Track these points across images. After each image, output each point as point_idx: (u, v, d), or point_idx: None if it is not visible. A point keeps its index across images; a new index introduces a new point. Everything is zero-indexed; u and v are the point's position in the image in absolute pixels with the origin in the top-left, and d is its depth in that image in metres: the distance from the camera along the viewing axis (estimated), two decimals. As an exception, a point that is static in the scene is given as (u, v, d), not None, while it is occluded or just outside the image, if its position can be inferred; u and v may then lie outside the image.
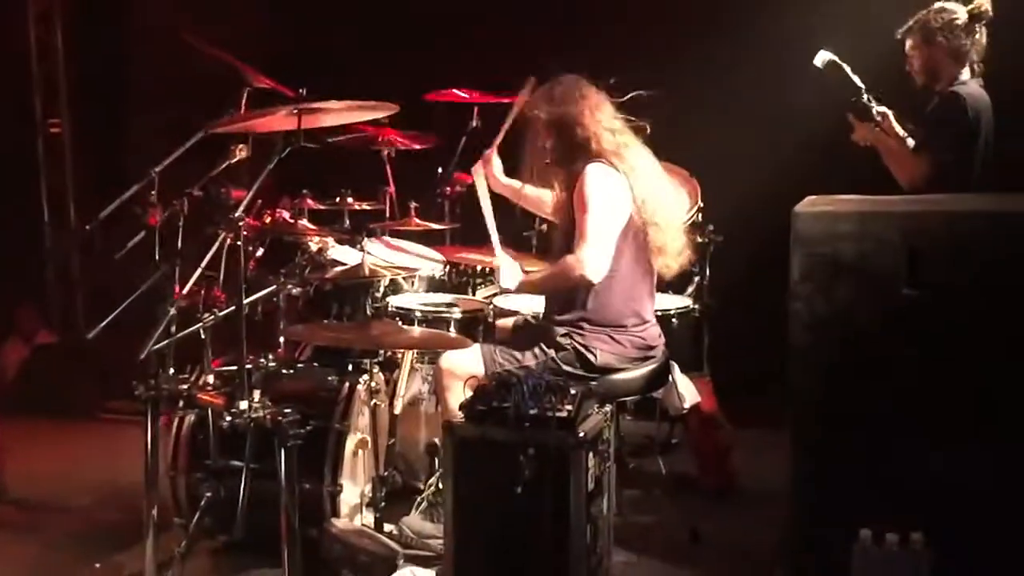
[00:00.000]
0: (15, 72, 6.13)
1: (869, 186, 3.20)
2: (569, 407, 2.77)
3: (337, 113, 2.88)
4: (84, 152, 6.34)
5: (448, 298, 3.85)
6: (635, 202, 3.31)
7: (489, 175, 3.64)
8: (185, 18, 5.53)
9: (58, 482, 4.47)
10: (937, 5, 3.73)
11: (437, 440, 3.69)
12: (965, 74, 3.71)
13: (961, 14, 3.67)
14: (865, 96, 3.85)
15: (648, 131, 3.49)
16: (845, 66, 3.83)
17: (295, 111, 2.72)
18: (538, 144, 3.45)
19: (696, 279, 4.33)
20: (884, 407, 2.75)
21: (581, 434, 2.75)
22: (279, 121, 2.86)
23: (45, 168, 6.29)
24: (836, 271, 2.78)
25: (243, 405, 2.68)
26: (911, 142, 3.84)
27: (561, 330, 3.36)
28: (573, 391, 2.82)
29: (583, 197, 3.26)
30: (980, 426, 2.66)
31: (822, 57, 3.85)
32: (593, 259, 3.22)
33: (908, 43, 3.79)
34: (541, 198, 3.67)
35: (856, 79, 3.85)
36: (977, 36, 3.69)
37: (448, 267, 4.05)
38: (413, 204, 4.08)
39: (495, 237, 3.47)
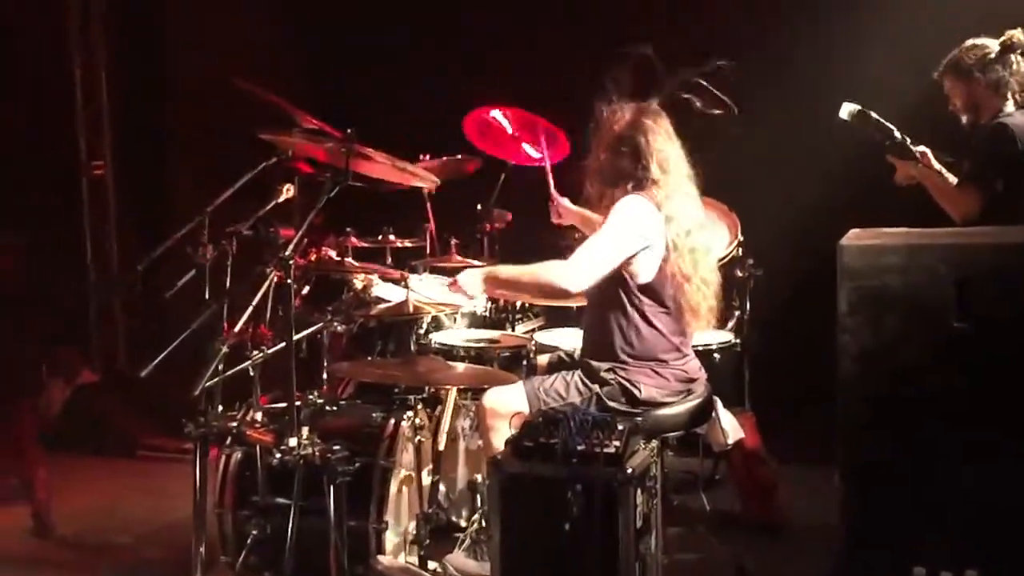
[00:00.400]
0: (60, 114, 6.28)
1: (911, 220, 3.19)
2: (617, 443, 2.75)
3: (382, 167, 2.92)
4: (127, 194, 6.47)
5: (490, 334, 3.86)
6: (674, 249, 3.28)
7: (561, 212, 3.83)
8: (228, 60, 5.63)
9: (101, 519, 4.52)
10: (968, 42, 3.73)
11: (479, 476, 3.69)
12: (1010, 106, 3.70)
13: (992, 47, 3.67)
14: (898, 136, 3.83)
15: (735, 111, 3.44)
16: (872, 113, 3.81)
17: (344, 149, 2.76)
18: (597, 154, 3.43)
19: (737, 313, 4.32)
20: (934, 439, 2.71)
21: (629, 470, 2.74)
22: (324, 156, 2.90)
23: (88, 209, 6.42)
24: (883, 304, 2.76)
25: (292, 442, 2.69)
26: (952, 178, 3.82)
27: (604, 365, 3.35)
28: (620, 427, 2.81)
29: (607, 219, 3.26)
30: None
31: (847, 109, 3.81)
32: (579, 271, 3.16)
33: (946, 83, 3.78)
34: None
35: (885, 123, 3.82)
36: (1015, 66, 3.69)
37: (489, 303, 4.07)
38: (454, 240, 4.11)
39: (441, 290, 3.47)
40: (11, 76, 6.00)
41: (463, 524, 3.72)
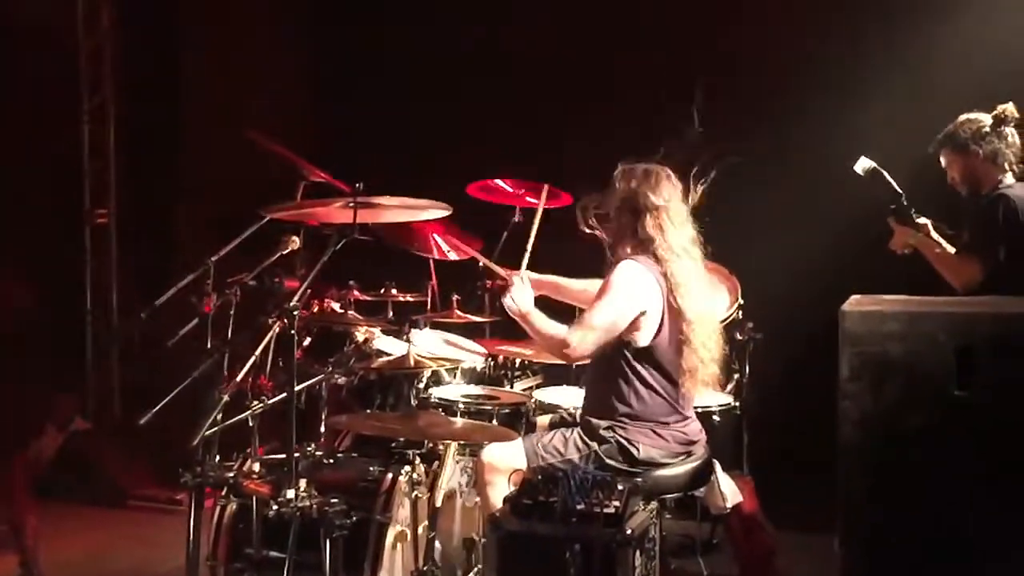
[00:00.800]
0: (67, 163, 6.33)
1: (913, 286, 3.22)
2: (616, 503, 2.74)
3: (391, 210, 2.94)
4: (130, 243, 6.50)
5: (489, 390, 3.86)
6: (674, 313, 3.31)
7: (509, 302, 3.47)
8: (238, 111, 5.71)
9: (90, 570, 4.46)
10: (962, 117, 3.82)
11: (475, 535, 3.65)
12: (1009, 178, 3.76)
13: (986, 120, 3.75)
14: (905, 202, 3.89)
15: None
16: (885, 172, 3.89)
17: (351, 204, 2.79)
18: (607, 213, 3.49)
19: (736, 376, 4.32)
20: (936, 507, 2.70)
21: (629, 531, 2.72)
22: (333, 213, 2.93)
23: (91, 257, 6.44)
24: (885, 370, 2.77)
25: (290, 494, 2.67)
26: (951, 249, 3.86)
27: (603, 423, 3.35)
28: (620, 487, 2.79)
29: (607, 284, 3.30)
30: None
31: (863, 164, 3.89)
32: (584, 341, 3.24)
33: (943, 157, 3.86)
34: (587, 289, 3.69)
35: (895, 185, 3.89)
36: (1010, 138, 3.76)
37: (488, 359, 4.07)
38: (455, 297, 4.12)
39: (527, 259, 3.50)
40: (22, 122, 6.07)
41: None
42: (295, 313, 2.67)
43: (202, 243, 5.88)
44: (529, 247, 3.72)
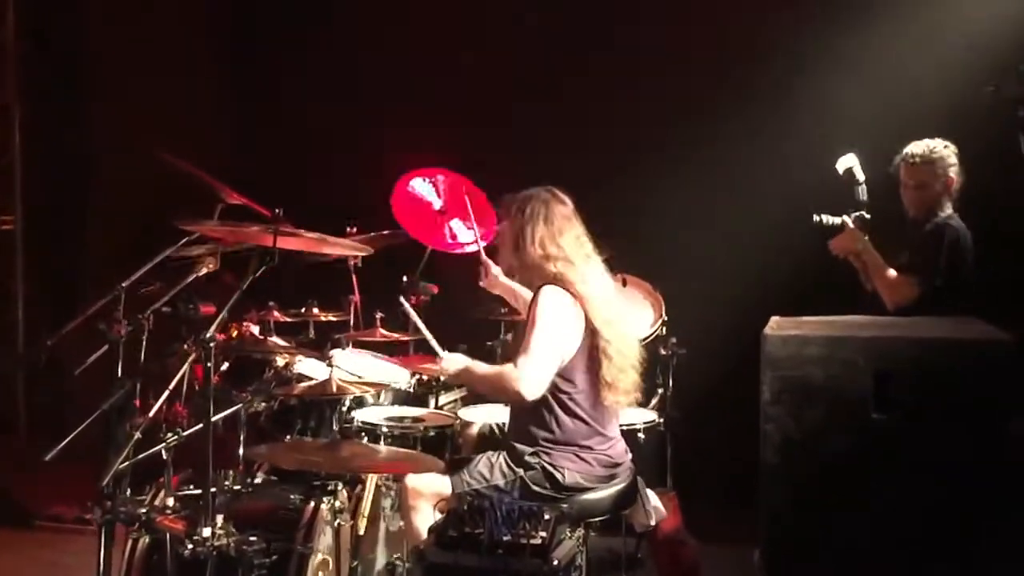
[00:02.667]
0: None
1: (828, 304, 3.26)
2: (543, 533, 2.71)
3: (310, 242, 2.87)
4: (36, 250, 6.24)
5: (414, 411, 3.80)
6: (589, 328, 3.29)
7: (489, 278, 3.78)
8: (151, 123, 5.53)
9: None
10: (937, 142, 3.89)
11: (397, 559, 3.59)
12: (949, 207, 3.87)
13: (953, 150, 3.85)
14: (868, 213, 3.93)
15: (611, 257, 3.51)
16: (860, 177, 3.92)
17: (271, 230, 2.70)
18: (503, 250, 3.48)
19: (660, 391, 4.33)
20: (856, 530, 2.75)
21: (555, 562, 2.69)
22: (251, 236, 2.84)
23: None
24: (806, 394, 2.81)
25: (206, 532, 2.57)
26: (890, 270, 3.91)
27: (528, 449, 3.32)
28: (547, 516, 2.76)
29: (533, 315, 3.27)
30: (951, 549, 2.66)
31: (846, 164, 3.91)
32: (530, 377, 3.20)
33: (916, 175, 3.90)
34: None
35: (864, 194, 3.93)
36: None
37: (413, 377, 4.00)
38: (378, 314, 4.04)
39: (436, 344, 3.49)
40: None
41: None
42: (211, 344, 2.57)
43: (114, 253, 5.72)
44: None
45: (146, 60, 5.92)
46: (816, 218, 3.99)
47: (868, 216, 3.95)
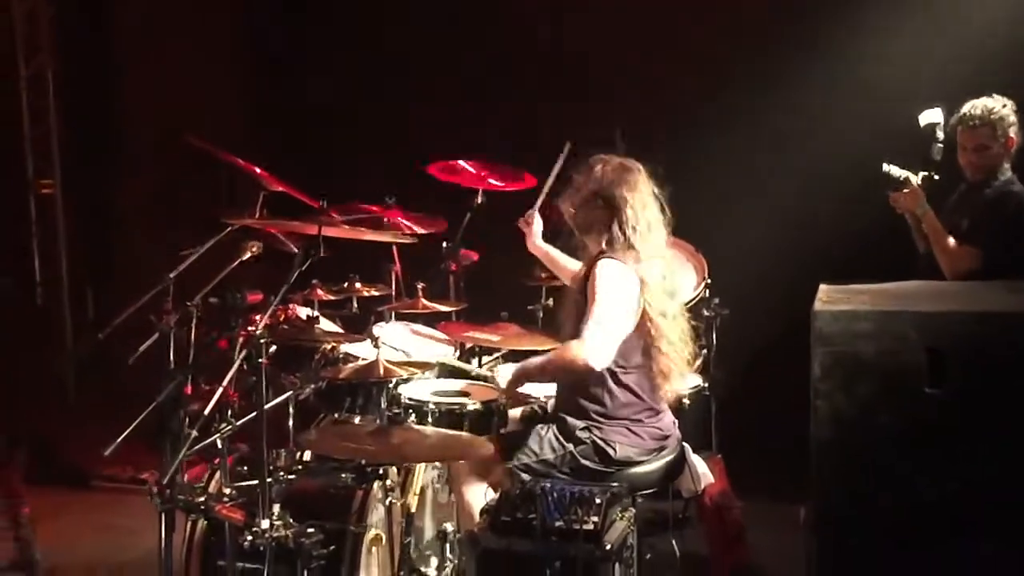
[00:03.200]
0: (8, 134, 6.10)
1: (877, 268, 3.20)
2: (595, 518, 2.73)
3: (353, 231, 2.85)
4: (75, 211, 6.31)
5: (460, 385, 3.81)
6: (644, 311, 3.28)
7: (528, 235, 3.78)
8: (178, 82, 5.51)
9: (59, 556, 4.41)
10: (996, 101, 3.72)
11: (449, 526, 3.64)
12: (1008, 169, 3.73)
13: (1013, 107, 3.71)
14: (935, 174, 3.78)
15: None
16: (940, 135, 3.74)
17: (317, 222, 2.69)
18: (573, 209, 3.43)
19: (703, 353, 4.31)
20: (907, 504, 2.74)
21: (608, 546, 2.72)
22: (296, 227, 2.83)
23: (37, 227, 6.26)
24: (856, 369, 2.78)
25: (264, 524, 2.62)
26: (948, 237, 3.79)
27: (579, 423, 3.32)
28: (598, 500, 2.78)
29: (595, 287, 3.23)
30: (1001, 524, 2.65)
31: (929, 116, 3.74)
32: (598, 347, 3.18)
33: (975, 136, 3.73)
34: (572, 268, 3.64)
35: (939, 153, 3.75)
36: None
37: (456, 348, 4.01)
38: (420, 285, 4.03)
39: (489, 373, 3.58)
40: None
41: (432, 574, 3.67)
42: (262, 342, 2.58)
43: (146, 216, 5.77)
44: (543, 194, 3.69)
45: (173, 29, 5.88)
46: (885, 167, 3.82)
47: (937, 177, 3.78)
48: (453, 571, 3.53)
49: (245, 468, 3.17)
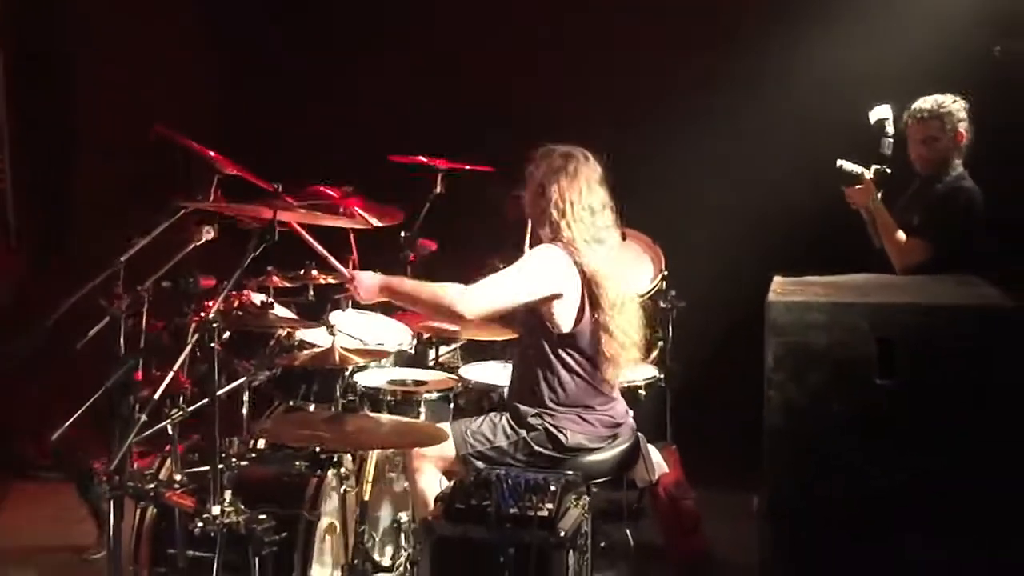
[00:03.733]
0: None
1: (830, 260, 3.24)
2: (550, 505, 2.74)
3: (309, 217, 2.83)
4: (26, 205, 6.16)
5: (416, 373, 3.80)
6: (589, 298, 3.28)
7: (361, 293, 3.31)
8: (138, 77, 5.42)
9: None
10: (947, 96, 3.78)
11: (404, 515, 3.64)
12: (959, 165, 3.79)
13: (963, 105, 3.76)
14: (887, 168, 3.83)
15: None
16: (890, 130, 3.81)
17: (272, 206, 2.67)
18: (526, 195, 3.44)
19: (660, 344, 4.34)
20: (858, 494, 2.78)
21: (562, 533, 2.73)
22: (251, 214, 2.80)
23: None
24: (808, 360, 2.82)
25: (215, 510, 2.59)
26: (899, 232, 3.85)
27: (531, 410, 3.33)
28: (553, 487, 2.79)
29: (521, 259, 3.29)
30: (950, 514, 2.70)
31: (879, 114, 3.80)
32: (475, 299, 3.18)
33: (924, 130, 3.79)
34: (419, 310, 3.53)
35: (888, 148, 3.82)
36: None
37: (414, 340, 4.00)
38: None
39: (333, 260, 3.35)
40: None
41: (386, 564, 3.67)
42: (215, 326, 2.55)
43: (99, 209, 5.66)
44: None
45: (130, 12, 5.77)
46: (839, 163, 3.89)
47: (888, 171, 3.85)
48: (407, 560, 3.52)
49: (196, 456, 3.13)
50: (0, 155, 5.95)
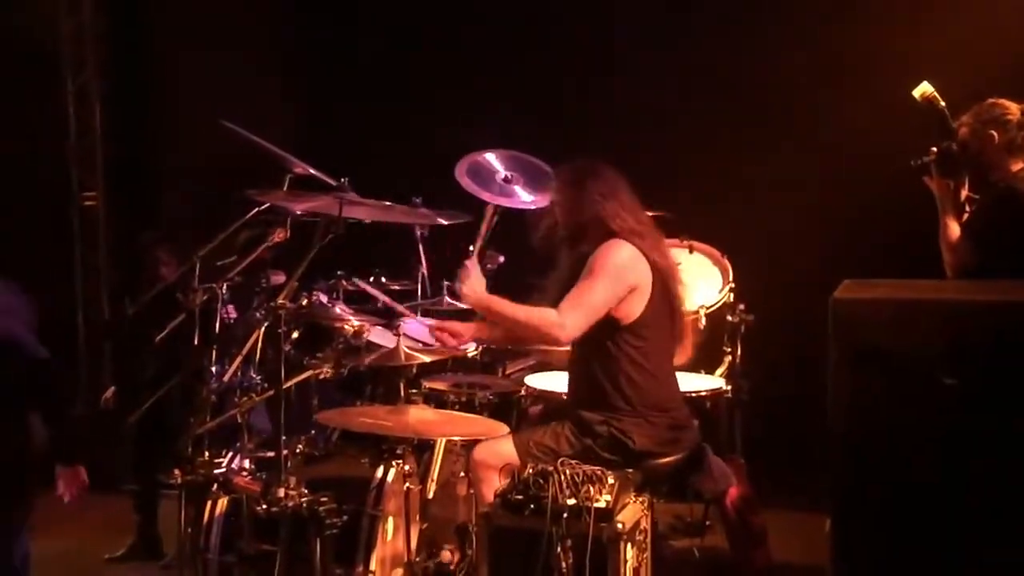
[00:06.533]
0: (54, 147, 6.27)
1: (900, 268, 3.18)
2: (607, 497, 2.73)
3: (376, 210, 2.91)
4: (118, 224, 6.45)
5: (480, 379, 3.84)
6: (662, 288, 3.29)
7: (465, 289, 3.33)
8: (222, 100, 5.65)
9: (86, 557, 4.46)
10: (989, 101, 3.70)
11: (469, 523, 3.65)
12: (1019, 162, 3.68)
13: (1013, 109, 3.66)
14: (954, 144, 3.62)
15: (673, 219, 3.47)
16: (942, 102, 3.63)
17: (338, 199, 2.76)
18: (549, 222, 3.46)
19: (728, 359, 4.30)
20: (926, 496, 2.70)
21: (619, 525, 2.72)
22: (318, 205, 2.90)
23: (80, 240, 6.39)
24: (874, 360, 2.76)
25: (280, 493, 2.66)
26: (955, 227, 3.73)
27: (597, 417, 3.31)
28: (611, 480, 2.79)
29: (592, 263, 3.24)
30: (1019, 518, 2.61)
31: (922, 89, 3.63)
32: (576, 322, 3.16)
33: (960, 131, 3.69)
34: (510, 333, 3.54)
35: (950, 121, 3.64)
36: None
37: (479, 346, 4.04)
38: (445, 283, 4.09)
39: (479, 244, 3.40)
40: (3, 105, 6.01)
41: (452, 568, 3.68)
42: (281, 312, 2.64)
43: (188, 226, 5.89)
44: (478, 244, 3.52)
45: (216, 32, 6.05)
46: (913, 163, 3.66)
47: (954, 146, 3.60)
48: (467, 564, 3.53)
49: (265, 449, 3.22)
50: (94, 176, 6.29)
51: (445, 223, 3.74)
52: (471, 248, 4.38)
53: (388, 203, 2.91)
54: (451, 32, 5.85)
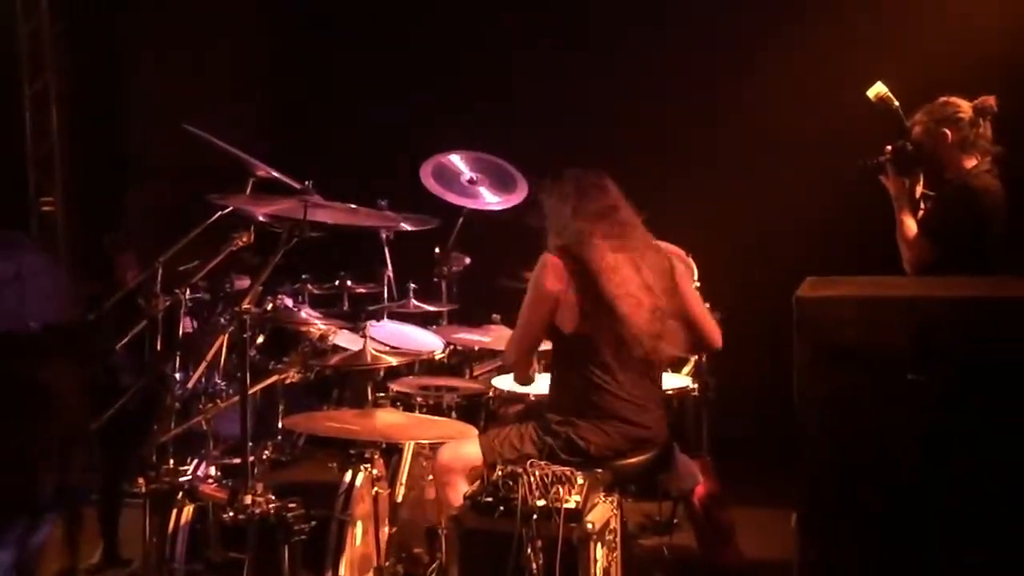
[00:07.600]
0: (10, 151, 6.16)
1: (863, 265, 3.22)
2: (577, 498, 2.74)
3: (341, 213, 2.90)
4: (77, 230, 6.35)
5: (449, 382, 3.83)
6: (596, 294, 3.26)
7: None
8: (184, 103, 5.59)
9: (48, 564, 4.38)
10: (941, 99, 3.75)
11: (437, 526, 3.63)
12: (973, 163, 3.72)
13: (965, 108, 3.70)
14: (908, 143, 3.68)
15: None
16: (895, 102, 3.70)
17: (303, 202, 2.74)
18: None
19: (694, 357, 4.32)
20: (892, 493, 2.73)
21: (589, 525, 2.72)
22: (282, 209, 2.87)
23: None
24: (840, 357, 2.78)
25: (247, 500, 2.63)
26: (911, 224, 3.77)
27: (557, 417, 3.31)
28: (580, 480, 2.79)
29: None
30: (987, 512, 2.64)
31: (876, 89, 3.69)
32: (508, 348, 3.39)
33: (915, 129, 3.74)
34: None
35: (904, 120, 3.70)
36: (981, 129, 3.67)
37: (447, 348, 4.04)
38: (412, 286, 4.07)
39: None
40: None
41: (421, 572, 3.67)
42: (246, 317, 2.61)
43: (149, 231, 5.81)
44: None
45: (178, 34, 5.99)
46: (864, 163, 3.75)
47: (909, 146, 3.67)
48: (438, 567, 3.52)
49: (231, 455, 3.18)
50: (52, 181, 6.20)
51: (409, 228, 3.72)
52: (437, 250, 4.41)
53: (353, 206, 2.88)
54: (416, 33, 5.83)
